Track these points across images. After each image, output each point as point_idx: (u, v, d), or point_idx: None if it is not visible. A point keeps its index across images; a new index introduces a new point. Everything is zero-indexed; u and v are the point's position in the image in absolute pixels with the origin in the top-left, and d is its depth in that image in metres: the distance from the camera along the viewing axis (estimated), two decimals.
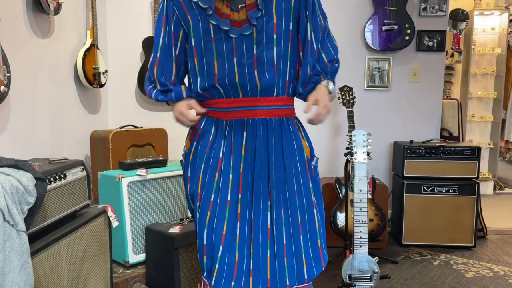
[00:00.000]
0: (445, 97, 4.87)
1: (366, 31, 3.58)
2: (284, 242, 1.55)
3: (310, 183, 1.62)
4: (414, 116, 3.74)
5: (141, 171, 2.57)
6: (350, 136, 2.43)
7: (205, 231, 1.54)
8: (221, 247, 1.52)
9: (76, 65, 3.06)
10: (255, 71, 1.53)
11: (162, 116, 3.77)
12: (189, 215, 2.75)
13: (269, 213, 1.56)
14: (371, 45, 3.60)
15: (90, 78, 3.11)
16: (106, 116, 3.70)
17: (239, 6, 1.50)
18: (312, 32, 1.58)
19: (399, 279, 2.77)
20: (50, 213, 1.75)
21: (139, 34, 3.63)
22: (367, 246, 2.33)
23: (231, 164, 1.56)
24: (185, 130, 4.04)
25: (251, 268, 1.54)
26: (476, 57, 5.33)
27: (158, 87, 1.62)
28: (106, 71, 3.32)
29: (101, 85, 3.27)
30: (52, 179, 1.76)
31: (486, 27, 5.28)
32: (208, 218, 1.54)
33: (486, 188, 5.06)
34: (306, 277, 1.57)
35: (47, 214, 1.72)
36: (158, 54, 1.59)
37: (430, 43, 3.64)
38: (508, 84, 5.56)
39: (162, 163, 2.80)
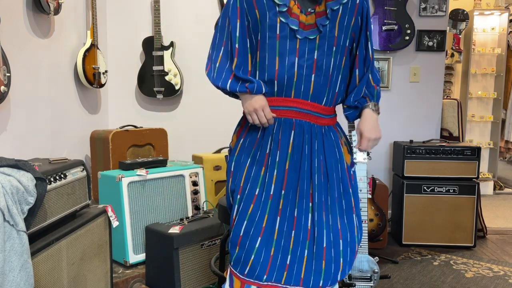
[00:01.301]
0: (445, 97, 4.87)
1: None
2: (324, 245, 1.58)
3: (350, 189, 1.66)
4: (414, 116, 3.74)
5: (141, 171, 2.57)
6: (350, 136, 2.43)
7: (245, 222, 1.57)
8: (259, 239, 1.55)
9: (76, 65, 3.06)
10: (313, 75, 1.57)
11: (162, 116, 3.78)
12: (189, 215, 2.75)
13: (310, 215, 1.59)
14: None
15: (90, 78, 3.11)
16: (106, 116, 3.70)
17: (309, 10, 1.55)
18: (371, 50, 1.67)
19: (399, 279, 2.77)
20: (50, 213, 1.75)
21: (139, 34, 3.63)
22: (367, 246, 2.33)
23: (277, 160, 1.59)
24: (185, 131, 4.03)
25: (287, 262, 1.57)
26: (476, 57, 5.33)
27: (232, 77, 1.61)
28: (106, 71, 3.32)
29: (101, 85, 3.27)
30: (52, 179, 1.76)
31: (486, 27, 5.28)
32: (250, 210, 1.58)
33: (486, 188, 5.06)
34: (339, 279, 1.62)
35: (47, 214, 1.72)
36: (236, 45, 1.60)
37: (430, 43, 3.64)
38: (508, 84, 5.56)
39: (162, 163, 2.80)
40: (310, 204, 1.60)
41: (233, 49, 1.60)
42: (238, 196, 1.62)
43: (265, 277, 1.56)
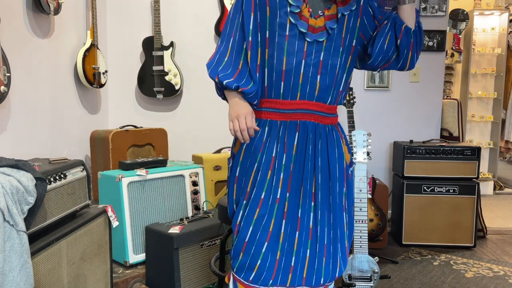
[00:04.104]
0: (445, 97, 4.87)
1: None
2: (325, 242, 1.61)
3: (344, 188, 1.69)
4: (414, 116, 3.74)
5: (141, 171, 2.57)
6: (350, 136, 2.43)
7: (251, 228, 1.57)
8: (266, 243, 1.56)
9: (76, 65, 3.06)
10: (318, 76, 1.58)
11: (162, 116, 3.78)
12: (189, 215, 2.75)
13: (312, 214, 1.61)
14: None
15: (90, 78, 3.11)
16: (106, 116, 3.70)
17: (318, 13, 1.56)
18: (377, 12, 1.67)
19: (399, 279, 2.77)
20: (50, 213, 1.75)
21: (139, 34, 3.63)
22: (367, 246, 2.33)
23: (283, 163, 1.60)
24: (185, 131, 4.02)
25: (292, 264, 1.59)
26: (476, 57, 5.33)
27: (237, 74, 1.58)
28: (106, 71, 3.32)
29: (101, 85, 3.27)
30: (52, 179, 1.76)
31: (486, 27, 5.28)
32: (256, 215, 1.57)
33: (486, 188, 5.06)
34: (337, 275, 1.65)
35: (47, 214, 1.72)
36: (250, 38, 1.58)
37: (430, 43, 3.64)
38: (508, 84, 5.56)
39: (162, 163, 2.80)
40: (313, 203, 1.61)
41: (247, 42, 1.58)
42: (244, 202, 1.61)
43: (271, 281, 1.57)
